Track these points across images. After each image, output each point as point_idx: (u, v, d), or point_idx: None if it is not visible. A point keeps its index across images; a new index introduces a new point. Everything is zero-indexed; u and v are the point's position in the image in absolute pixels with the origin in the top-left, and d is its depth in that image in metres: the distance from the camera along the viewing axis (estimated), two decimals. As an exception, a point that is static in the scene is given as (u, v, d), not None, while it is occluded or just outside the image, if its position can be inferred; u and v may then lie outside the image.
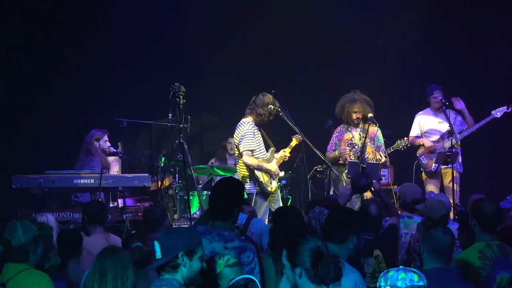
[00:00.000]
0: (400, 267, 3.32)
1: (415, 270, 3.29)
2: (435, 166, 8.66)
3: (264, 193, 7.96)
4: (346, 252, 4.19)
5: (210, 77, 10.95)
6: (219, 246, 4.33)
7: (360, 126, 8.32)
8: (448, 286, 4.04)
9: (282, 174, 8.30)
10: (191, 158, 7.85)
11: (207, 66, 10.92)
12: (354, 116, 8.24)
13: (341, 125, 8.46)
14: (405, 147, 8.34)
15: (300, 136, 8.15)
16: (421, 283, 3.22)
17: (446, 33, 10.55)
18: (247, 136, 7.85)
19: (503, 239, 4.78)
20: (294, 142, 8.41)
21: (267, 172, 7.99)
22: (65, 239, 5.00)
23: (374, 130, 8.27)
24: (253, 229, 5.57)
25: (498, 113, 8.48)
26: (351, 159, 8.08)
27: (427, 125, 8.89)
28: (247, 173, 7.94)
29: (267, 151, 8.13)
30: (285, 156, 8.32)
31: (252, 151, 7.87)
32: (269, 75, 10.49)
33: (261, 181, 7.89)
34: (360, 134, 8.27)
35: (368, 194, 7.78)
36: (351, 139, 8.30)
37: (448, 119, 8.57)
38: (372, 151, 8.22)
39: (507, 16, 10.15)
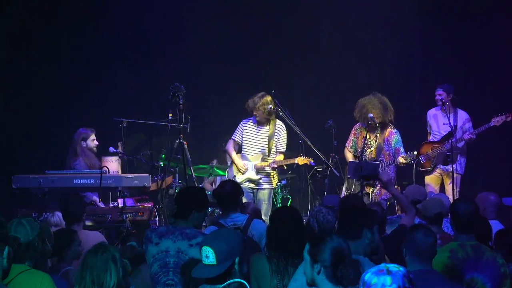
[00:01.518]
0: (378, 267, 3.19)
1: (392, 270, 3.15)
2: (445, 166, 8.66)
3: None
4: (362, 248, 4.17)
5: (210, 77, 10.94)
6: (184, 244, 4.47)
7: (378, 129, 8.29)
8: (433, 287, 4.00)
9: (249, 174, 8.34)
10: (191, 158, 7.86)
11: (207, 66, 10.91)
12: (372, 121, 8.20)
13: (359, 123, 8.42)
14: (413, 161, 8.26)
15: (305, 159, 8.30)
16: (393, 286, 3.13)
17: (446, 33, 10.54)
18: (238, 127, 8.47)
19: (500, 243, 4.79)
20: (296, 161, 8.40)
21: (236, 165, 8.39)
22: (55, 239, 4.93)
23: (391, 133, 8.23)
24: (253, 231, 5.58)
25: (497, 121, 8.49)
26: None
27: (433, 124, 8.91)
28: None
29: (260, 151, 8.31)
30: (268, 164, 8.35)
31: (235, 141, 8.44)
32: (269, 75, 10.49)
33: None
34: (376, 136, 8.26)
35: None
36: (366, 140, 8.26)
37: (453, 119, 8.60)
38: (388, 155, 8.21)
39: (508, 16, 10.15)
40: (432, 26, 10.68)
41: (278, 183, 9.50)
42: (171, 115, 7.62)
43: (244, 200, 8.05)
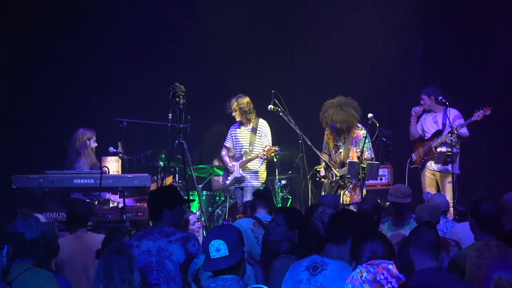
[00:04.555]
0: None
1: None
2: (436, 166, 8.68)
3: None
4: (347, 254, 3.99)
5: (211, 77, 10.95)
6: (163, 242, 4.51)
7: (346, 131, 8.36)
8: (444, 286, 3.95)
9: (235, 174, 8.64)
10: (191, 158, 7.86)
11: (208, 66, 10.91)
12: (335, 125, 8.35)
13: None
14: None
15: (272, 148, 8.38)
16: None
17: (446, 33, 10.54)
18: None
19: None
20: (266, 152, 8.46)
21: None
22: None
23: (359, 134, 8.29)
24: None
25: (478, 115, 8.52)
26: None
27: (425, 125, 8.97)
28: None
29: (245, 150, 8.61)
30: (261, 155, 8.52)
31: (226, 147, 8.88)
32: (269, 75, 10.49)
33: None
34: (345, 138, 8.34)
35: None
36: (337, 141, 8.42)
37: (443, 118, 8.65)
38: (356, 156, 8.25)
39: (507, 16, 10.15)
40: (432, 26, 10.67)
41: (278, 183, 9.52)
42: (171, 115, 7.62)
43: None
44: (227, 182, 8.79)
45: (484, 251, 4.51)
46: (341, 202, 7.94)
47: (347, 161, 8.22)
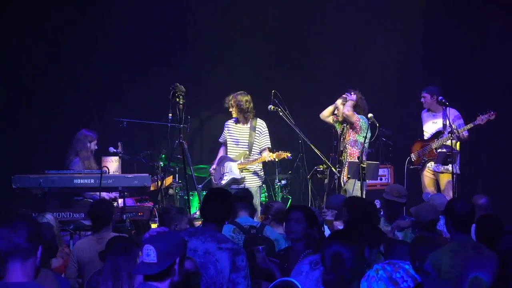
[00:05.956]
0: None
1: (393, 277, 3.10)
2: (436, 166, 8.69)
3: None
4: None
5: (211, 77, 10.95)
6: (213, 246, 4.36)
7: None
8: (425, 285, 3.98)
9: (233, 174, 8.37)
10: (191, 158, 7.86)
11: (208, 66, 10.92)
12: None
13: None
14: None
15: (279, 153, 8.29)
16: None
17: (445, 34, 10.55)
18: None
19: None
20: (275, 156, 8.33)
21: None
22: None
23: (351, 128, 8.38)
24: (268, 233, 5.62)
25: (482, 119, 8.51)
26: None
27: (424, 123, 8.97)
28: None
29: (245, 150, 8.39)
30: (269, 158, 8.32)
31: (221, 143, 8.60)
32: (269, 75, 10.49)
33: None
34: (343, 130, 8.41)
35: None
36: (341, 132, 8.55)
37: (443, 118, 8.65)
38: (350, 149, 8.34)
39: (507, 17, 10.15)
40: (432, 26, 10.68)
41: (278, 183, 9.53)
42: (171, 115, 7.62)
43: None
44: (223, 182, 8.42)
45: (459, 252, 4.50)
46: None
47: (347, 160, 8.23)
